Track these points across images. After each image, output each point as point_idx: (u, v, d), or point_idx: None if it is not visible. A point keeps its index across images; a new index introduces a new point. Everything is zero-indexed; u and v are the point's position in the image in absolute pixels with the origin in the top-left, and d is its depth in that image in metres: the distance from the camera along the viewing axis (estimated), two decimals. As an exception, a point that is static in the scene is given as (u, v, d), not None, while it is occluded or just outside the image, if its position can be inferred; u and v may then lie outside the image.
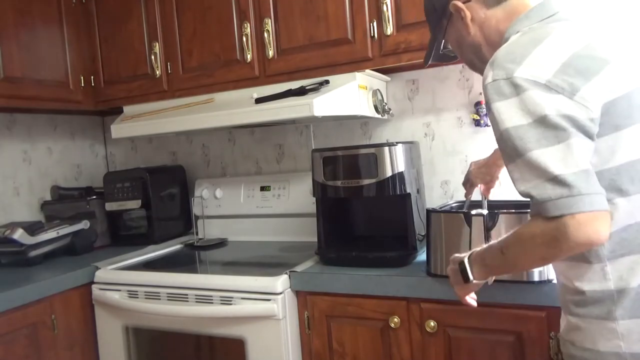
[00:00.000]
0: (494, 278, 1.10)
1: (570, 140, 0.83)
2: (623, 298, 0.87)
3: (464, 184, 1.50)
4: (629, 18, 1.66)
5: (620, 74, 0.87)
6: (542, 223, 0.84)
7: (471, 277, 1.01)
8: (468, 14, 1.06)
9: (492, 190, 1.46)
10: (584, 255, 0.89)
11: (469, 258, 1.03)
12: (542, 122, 0.84)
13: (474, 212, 1.29)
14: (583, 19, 0.98)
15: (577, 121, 0.84)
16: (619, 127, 0.86)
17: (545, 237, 0.84)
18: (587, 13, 1.02)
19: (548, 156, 0.83)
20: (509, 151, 0.87)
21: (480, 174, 1.44)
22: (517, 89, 0.86)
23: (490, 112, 0.91)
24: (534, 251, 0.87)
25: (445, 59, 1.26)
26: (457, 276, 1.04)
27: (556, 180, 0.81)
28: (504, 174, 1.35)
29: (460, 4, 1.07)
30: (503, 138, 0.88)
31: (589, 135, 0.85)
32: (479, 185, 1.46)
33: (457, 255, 1.07)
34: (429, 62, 1.24)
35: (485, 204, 1.43)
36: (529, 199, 0.86)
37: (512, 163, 0.87)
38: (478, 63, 1.12)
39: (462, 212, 1.32)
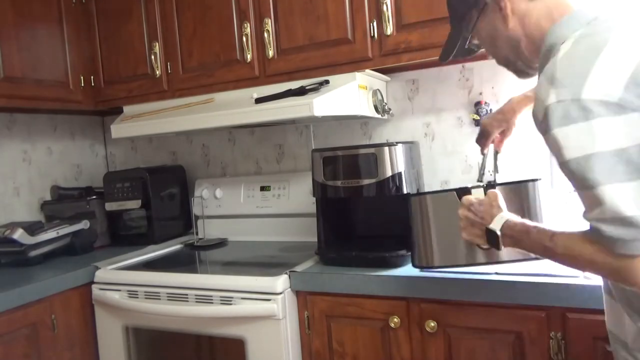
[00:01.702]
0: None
1: None
2: None
3: (478, 139, 1.38)
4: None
5: None
6: (605, 255, 0.80)
7: (502, 248, 1.01)
8: (508, 5, 0.97)
9: (506, 142, 1.37)
10: None
11: (502, 228, 1.01)
12: (616, 154, 0.77)
13: (470, 185, 1.22)
14: (625, 20, 0.89)
15: None
16: None
17: (606, 268, 0.82)
18: (624, 13, 0.92)
19: (621, 194, 0.76)
20: (577, 182, 0.82)
21: (496, 122, 1.33)
22: (587, 113, 0.78)
23: (549, 135, 0.82)
24: (584, 268, 0.88)
25: (465, 55, 1.15)
26: (479, 235, 1.06)
27: (627, 221, 0.76)
28: (520, 119, 1.31)
29: None
30: (570, 168, 0.81)
31: None
32: (490, 146, 1.37)
33: (480, 209, 1.07)
34: (450, 59, 1.14)
35: (497, 160, 1.37)
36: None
37: (580, 192, 0.82)
38: (514, 59, 1.04)
39: (454, 189, 1.26)
